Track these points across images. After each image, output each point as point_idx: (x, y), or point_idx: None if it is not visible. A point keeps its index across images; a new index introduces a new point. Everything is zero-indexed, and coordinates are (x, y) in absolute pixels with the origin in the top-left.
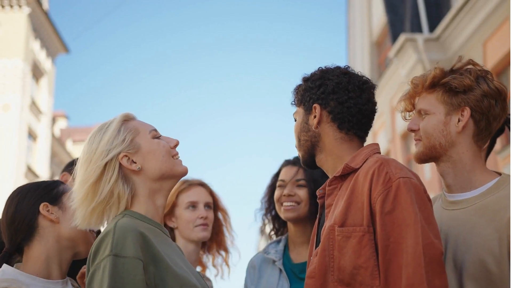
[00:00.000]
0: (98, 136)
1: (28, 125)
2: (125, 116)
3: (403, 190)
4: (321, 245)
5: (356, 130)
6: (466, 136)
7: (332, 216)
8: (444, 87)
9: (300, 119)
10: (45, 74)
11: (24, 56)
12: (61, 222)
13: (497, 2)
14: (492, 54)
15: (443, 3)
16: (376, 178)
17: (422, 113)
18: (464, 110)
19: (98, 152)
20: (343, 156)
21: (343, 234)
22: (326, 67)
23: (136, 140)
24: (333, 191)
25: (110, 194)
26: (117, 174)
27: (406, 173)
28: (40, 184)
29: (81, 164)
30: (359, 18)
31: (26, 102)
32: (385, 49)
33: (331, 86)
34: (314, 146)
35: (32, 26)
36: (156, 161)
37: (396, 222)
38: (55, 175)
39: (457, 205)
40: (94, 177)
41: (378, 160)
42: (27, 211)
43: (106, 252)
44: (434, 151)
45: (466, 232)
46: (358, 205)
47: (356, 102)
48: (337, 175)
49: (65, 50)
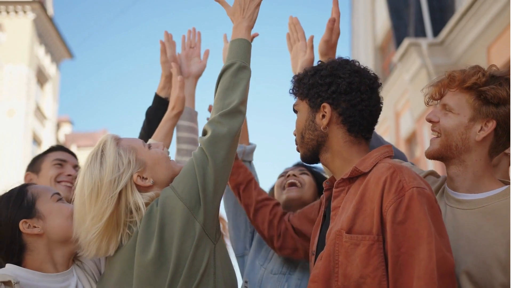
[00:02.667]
0: (95, 167)
1: (33, 130)
2: (115, 138)
3: (416, 200)
4: (326, 249)
5: (365, 133)
6: (483, 146)
7: (340, 220)
8: (479, 93)
9: (305, 116)
10: (49, 80)
11: (28, 61)
12: (47, 230)
13: (501, 7)
14: (497, 58)
15: (447, 8)
16: (388, 186)
17: (446, 108)
18: (490, 121)
19: (106, 182)
20: (352, 159)
21: (351, 241)
22: (334, 62)
23: (139, 157)
24: (340, 194)
25: (130, 215)
26: (136, 195)
27: (419, 182)
28: (9, 200)
29: (86, 199)
30: (362, 23)
31: (31, 107)
32: (389, 54)
33: (343, 86)
34: (319, 146)
35: (36, 32)
36: (162, 169)
37: (408, 233)
38: None
39: (463, 205)
40: (111, 208)
41: (391, 167)
42: (11, 235)
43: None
44: (449, 151)
45: (471, 233)
46: (367, 212)
47: (368, 104)
48: (345, 177)
49: (69, 55)
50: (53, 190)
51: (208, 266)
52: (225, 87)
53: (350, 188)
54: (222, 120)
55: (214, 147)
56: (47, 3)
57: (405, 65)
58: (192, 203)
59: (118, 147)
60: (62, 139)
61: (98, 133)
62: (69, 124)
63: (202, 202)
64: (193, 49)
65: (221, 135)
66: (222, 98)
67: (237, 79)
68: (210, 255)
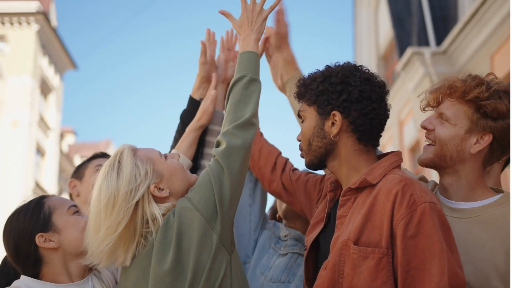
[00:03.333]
0: (112, 177)
1: (37, 141)
2: (132, 149)
3: (428, 215)
4: (332, 259)
5: (374, 141)
6: (477, 157)
7: (346, 230)
8: (479, 107)
9: (313, 123)
10: (53, 90)
11: (32, 72)
12: (62, 243)
13: (504, 16)
14: (500, 67)
15: (450, 17)
16: (400, 200)
17: (443, 118)
18: (486, 135)
19: (122, 193)
20: (360, 168)
21: (360, 253)
22: (344, 68)
23: (156, 168)
24: (347, 203)
25: (146, 225)
26: (152, 205)
27: (431, 197)
28: (26, 213)
29: (102, 209)
30: (365, 32)
31: (35, 118)
32: (392, 63)
33: (354, 95)
34: (328, 154)
35: (40, 43)
36: (179, 180)
37: (419, 248)
38: (63, 191)
39: (458, 213)
40: (127, 219)
41: (402, 179)
42: (27, 249)
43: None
44: (443, 161)
45: (467, 243)
46: (376, 224)
47: (378, 112)
48: (353, 187)
49: (73, 66)
50: (70, 203)
51: (225, 277)
52: (237, 99)
53: (357, 198)
54: (236, 132)
55: (229, 158)
56: (51, 14)
57: (409, 74)
58: (209, 214)
59: (135, 158)
60: (66, 149)
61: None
62: (73, 135)
63: (219, 213)
64: (229, 52)
65: (236, 147)
66: (234, 111)
67: (248, 92)
68: (226, 266)
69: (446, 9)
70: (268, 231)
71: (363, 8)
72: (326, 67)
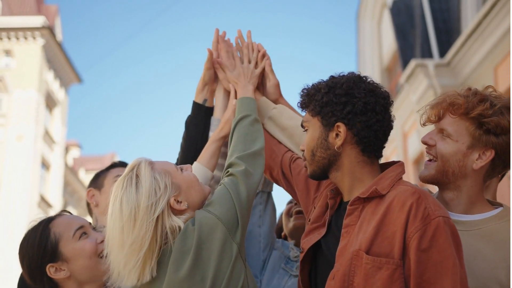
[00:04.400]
0: (130, 192)
1: (42, 154)
2: (149, 162)
3: (442, 229)
4: (341, 268)
5: (378, 153)
6: (479, 173)
7: (357, 240)
8: (481, 123)
9: (317, 134)
10: (58, 104)
11: (38, 86)
12: (72, 272)
13: (507, 28)
14: (504, 79)
15: (453, 29)
16: (414, 212)
17: (444, 133)
18: (488, 150)
19: (143, 207)
20: (364, 179)
21: (373, 264)
22: (349, 80)
23: (174, 181)
24: (354, 212)
25: (165, 239)
26: (172, 218)
27: (444, 212)
28: (34, 244)
29: (124, 225)
30: (369, 45)
31: (40, 132)
32: (396, 75)
33: (359, 107)
34: (330, 164)
35: (46, 57)
36: (196, 192)
37: (431, 261)
38: (68, 204)
39: (459, 225)
40: (151, 233)
41: (415, 191)
42: (40, 278)
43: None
44: (445, 177)
45: (469, 255)
46: (388, 235)
47: (382, 124)
48: (363, 197)
49: (78, 80)
50: (75, 226)
51: (243, 287)
52: (244, 133)
53: (365, 207)
54: (251, 158)
55: (249, 179)
56: (56, 28)
57: (412, 86)
58: (230, 224)
59: (154, 171)
60: (71, 163)
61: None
62: (78, 148)
63: (240, 222)
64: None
65: (253, 170)
66: (243, 142)
67: (254, 129)
68: (244, 277)
69: (449, 21)
70: (277, 251)
71: (367, 21)
72: (331, 78)
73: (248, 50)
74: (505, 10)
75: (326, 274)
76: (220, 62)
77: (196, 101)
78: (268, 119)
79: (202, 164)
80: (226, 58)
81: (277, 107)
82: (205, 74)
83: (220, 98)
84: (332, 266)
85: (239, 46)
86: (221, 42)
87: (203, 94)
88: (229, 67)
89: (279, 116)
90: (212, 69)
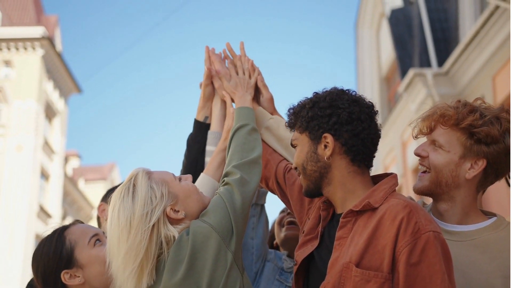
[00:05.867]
0: (127, 201)
1: (41, 164)
2: (146, 172)
3: (432, 244)
4: (331, 280)
5: (368, 162)
6: (472, 182)
7: (347, 252)
8: (472, 133)
9: (306, 148)
10: (57, 114)
11: (37, 97)
12: (87, 278)
13: (505, 37)
14: (502, 88)
15: (452, 38)
16: (404, 227)
17: (436, 144)
18: (480, 160)
19: (137, 216)
20: (356, 191)
21: (362, 277)
22: (332, 93)
23: (171, 190)
24: (346, 224)
25: (160, 248)
26: (168, 227)
27: (435, 226)
28: (49, 250)
29: (120, 233)
30: (367, 54)
31: (39, 142)
32: (395, 85)
33: (344, 117)
34: (322, 178)
35: (45, 68)
36: (194, 201)
37: (420, 276)
38: (67, 214)
39: (454, 236)
40: (146, 242)
41: (407, 206)
42: (55, 286)
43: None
44: (438, 188)
45: (464, 266)
46: (378, 248)
47: (369, 132)
48: (355, 209)
49: (77, 90)
50: (90, 233)
51: None
52: (242, 142)
53: (357, 220)
54: (247, 166)
55: (244, 187)
56: (56, 39)
57: (411, 95)
58: (224, 232)
59: (150, 181)
60: (70, 173)
61: (106, 167)
62: (77, 158)
63: (235, 230)
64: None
65: (249, 179)
66: (241, 151)
67: (252, 138)
68: (240, 285)
69: (447, 30)
70: (271, 263)
71: (365, 30)
72: (314, 94)
73: (241, 62)
74: (503, 19)
75: (318, 286)
76: (218, 71)
77: (197, 119)
78: (265, 129)
79: (208, 175)
80: (221, 68)
81: (274, 117)
82: (204, 90)
83: (216, 112)
84: (325, 278)
85: (230, 59)
86: (212, 55)
87: (204, 112)
88: (226, 77)
89: (276, 127)
90: (210, 85)
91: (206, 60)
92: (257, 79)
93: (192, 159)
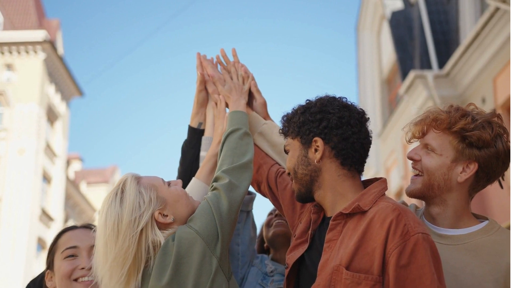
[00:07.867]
0: (114, 206)
1: (43, 168)
2: (135, 177)
3: (421, 246)
4: (322, 283)
5: (358, 166)
6: (464, 186)
7: (337, 254)
8: (464, 137)
9: (297, 152)
10: (59, 118)
11: (39, 100)
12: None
13: (505, 38)
14: (503, 89)
15: (452, 40)
16: (394, 229)
17: (428, 148)
18: (472, 163)
19: (125, 221)
20: (346, 194)
21: (353, 279)
22: (323, 99)
23: (159, 195)
24: (336, 227)
25: (147, 254)
26: (156, 232)
27: (424, 228)
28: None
29: (107, 238)
30: (368, 56)
31: (41, 145)
32: (395, 87)
33: (334, 121)
34: (312, 181)
35: (47, 71)
36: (183, 206)
37: (410, 277)
38: (69, 217)
39: (446, 240)
40: (134, 247)
41: (396, 208)
42: None
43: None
44: (431, 191)
45: (456, 270)
46: (368, 250)
47: (359, 136)
48: (345, 212)
49: (79, 93)
50: (69, 244)
51: None
52: (233, 146)
53: (347, 223)
54: (236, 171)
55: (231, 192)
56: (58, 42)
57: (412, 97)
58: (209, 238)
59: (139, 186)
60: (72, 176)
61: (107, 170)
62: (79, 161)
63: (220, 236)
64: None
65: (237, 184)
66: (232, 155)
67: (244, 142)
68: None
69: (448, 32)
70: (255, 267)
71: (366, 32)
72: (306, 101)
73: (235, 68)
74: (503, 21)
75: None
76: (212, 75)
77: (191, 125)
78: (259, 134)
79: (200, 179)
80: (214, 73)
81: (267, 122)
82: (198, 96)
83: (210, 117)
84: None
85: (223, 65)
86: (203, 61)
87: (198, 118)
88: (220, 82)
89: (269, 132)
90: (204, 90)
91: (198, 66)
92: (251, 84)
93: (187, 165)
